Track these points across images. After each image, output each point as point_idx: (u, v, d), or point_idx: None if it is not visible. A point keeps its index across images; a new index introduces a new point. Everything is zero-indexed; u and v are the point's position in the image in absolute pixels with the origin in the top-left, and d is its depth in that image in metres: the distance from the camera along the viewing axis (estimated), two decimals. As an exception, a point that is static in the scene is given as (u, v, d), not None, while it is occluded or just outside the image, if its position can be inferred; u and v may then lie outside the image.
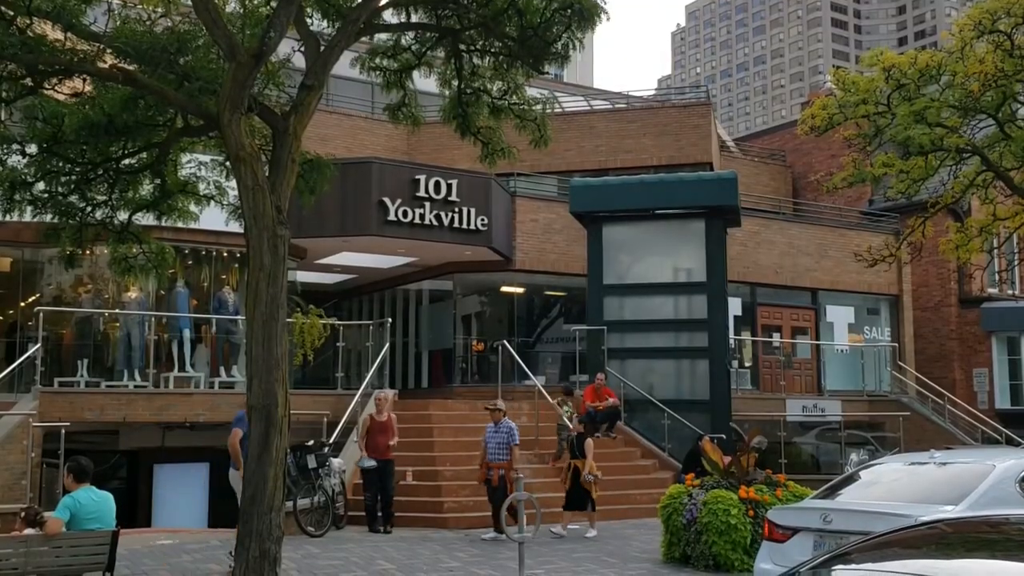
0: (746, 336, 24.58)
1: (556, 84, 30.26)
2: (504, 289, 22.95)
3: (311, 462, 12.98)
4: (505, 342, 19.45)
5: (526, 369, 18.93)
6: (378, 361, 17.51)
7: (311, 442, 13.47)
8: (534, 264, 22.24)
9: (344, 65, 10.59)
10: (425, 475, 14.99)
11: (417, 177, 19.27)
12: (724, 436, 16.62)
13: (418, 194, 19.09)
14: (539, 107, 11.67)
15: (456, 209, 19.48)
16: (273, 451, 8.75)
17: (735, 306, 23.12)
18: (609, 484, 15.30)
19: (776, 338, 25.04)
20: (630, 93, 32.19)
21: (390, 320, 19.74)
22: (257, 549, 8.51)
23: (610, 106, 29.19)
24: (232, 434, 11.23)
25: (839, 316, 26.26)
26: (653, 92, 41.48)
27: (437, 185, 19.31)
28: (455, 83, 11.53)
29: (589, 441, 13.76)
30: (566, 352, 22.19)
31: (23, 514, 10.09)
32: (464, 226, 19.60)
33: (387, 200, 18.76)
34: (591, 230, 19.69)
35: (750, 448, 11.82)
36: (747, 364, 24.69)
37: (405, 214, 18.86)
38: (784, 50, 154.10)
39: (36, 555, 7.92)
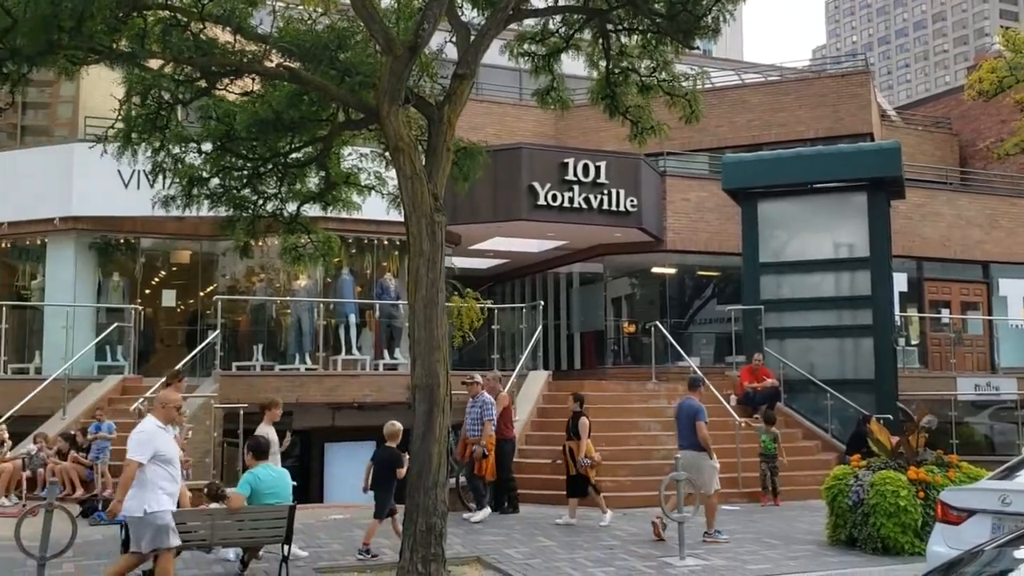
0: (912, 312, 23.56)
1: (705, 59, 29.68)
2: (655, 270, 22.80)
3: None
4: (658, 323, 19.35)
5: (680, 350, 18.77)
6: (531, 343, 17.76)
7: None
8: (686, 244, 21.99)
9: (492, 53, 10.77)
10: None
11: (565, 160, 19.37)
12: (891, 416, 16.02)
13: (567, 177, 19.19)
14: (689, 83, 11.55)
15: (605, 191, 19.48)
16: (436, 429, 9.06)
17: (900, 282, 22.19)
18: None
19: (945, 314, 23.88)
20: (783, 65, 31.25)
21: (542, 303, 19.96)
22: (424, 523, 8.84)
23: (762, 79, 28.42)
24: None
25: (1013, 289, 24.79)
26: (807, 63, 40.07)
27: (586, 168, 19.35)
28: (603, 64, 11.54)
29: (584, 420, 12.73)
30: (721, 333, 21.86)
31: (207, 489, 10.85)
32: (613, 208, 19.58)
33: (536, 185, 18.95)
34: (745, 207, 19.30)
35: (920, 428, 11.37)
36: (914, 342, 23.67)
37: (554, 198, 19.00)
38: (946, 13, 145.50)
39: (221, 528, 8.47)
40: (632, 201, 19.75)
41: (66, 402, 15.72)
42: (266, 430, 10.18)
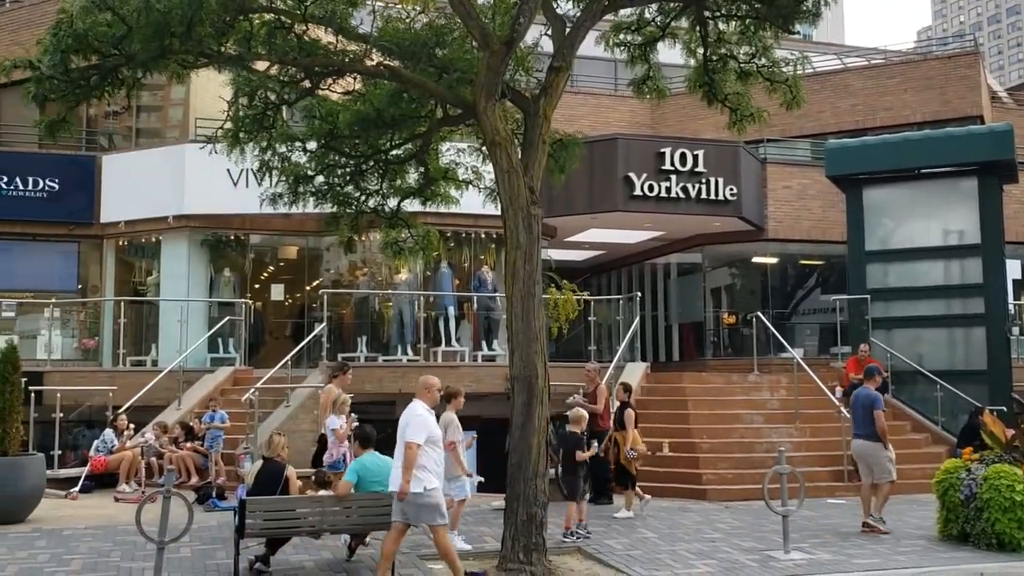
0: (1027, 301, 22.60)
1: (806, 44, 29.01)
2: (756, 260, 22.43)
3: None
4: (759, 314, 19.04)
5: (783, 341, 18.44)
6: (629, 335, 17.71)
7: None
8: (788, 233, 21.57)
9: (587, 44, 10.79)
10: (682, 447, 15.03)
11: (662, 150, 19.21)
12: (1004, 408, 15.44)
13: (663, 167, 19.03)
14: (789, 68, 11.35)
15: (703, 180, 19.25)
16: (535, 420, 9.16)
17: (1014, 269, 21.31)
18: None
19: (1062, 302, 22.83)
20: (887, 48, 30.32)
21: (639, 294, 19.85)
22: (524, 513, 8.96)
23: (866, 63, 27.61)
24: None
25: None
26: (913, 45, 38.76)
27: (683, 156, 19.15)
28: (700, 51, 11.43)
29: (630, 412, 12.73)
30: (825, 323, 21.38)
31: (314, 477, 11.20)
32: (712, 197, 19.33)
33: (633, 175, 18.85)
34: (850, 194, 18.82)
35: (1036, 420, 10.95)
36: (1029, 331, 22.68)
37: (651, 188, 18.87)
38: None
39: (330, 514, 8.73)
40: (731, 190, 19.47)
41: (181, 393, 16.41)
42: (451, 418, 10.42)
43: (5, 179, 20.29)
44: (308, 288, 20.71)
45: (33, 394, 14.14)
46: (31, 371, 14.71)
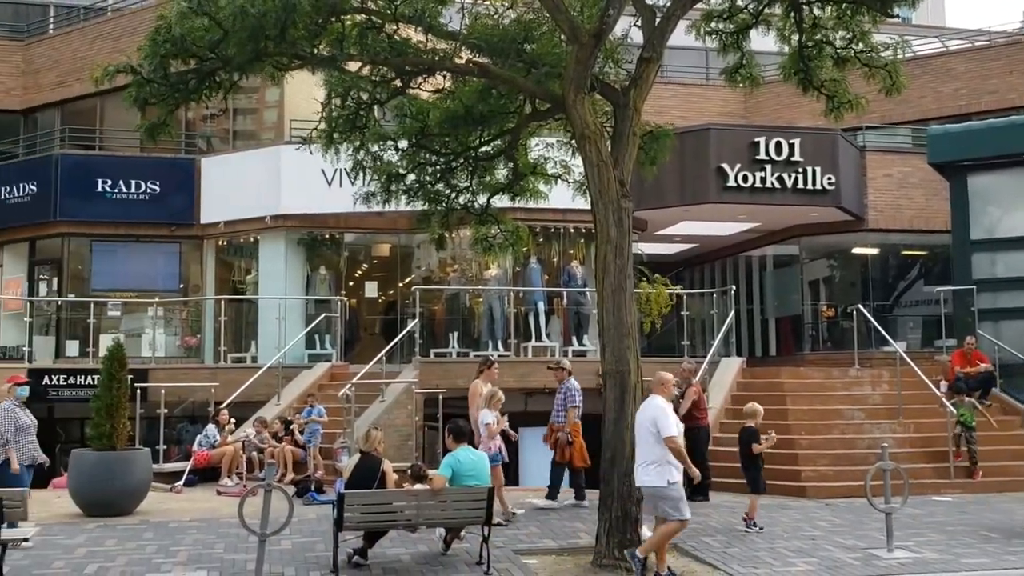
0: None
1: (905, 27, 28.03)
2: (855, 251, 21.80)
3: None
4: (860, 306, 18.49)
5: (884, 334, 17.87)
6: (723, 329, 17.42)
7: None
8: (888, 223, 20.90)
9: (676, 34, 10.63)
10: (780, 443, 14.55)
11: (756, 139, 18.82)
12: (1125, 404, 14.67)
13: (758, 157, 18.64)
14: (888, 53, 10.98)
15: (799, 169, 18.79)
16: (628, 415, 9.07)
17: None
18: (986, 455, 14.16)
19: None
20: (991, 29, 29.08)
21: (734, 288, 19.50)
22: (619, 509, 8.90)
23: (969, 45, 26.55)
24: None
25: None
26: (1018, 26, 37.16)
27: (778, 146, 18.73)
28: (795, 38, 11.15)
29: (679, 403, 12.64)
30: (928, 316, 20.65)
31: (410, 471, 11.32)
32: (809, 187, 18.85)
33: (726, 166, 18.53)
34: (954, 182, 18.12)
35: None
36: None
37: (745, 179, 18.51)
38: None
39: (425, 508, 8.81)
40: (829, 179, 18.95)
41: (280, 388, 16.80)
42: None
43: (109, 182, 21.07)
44: (400, 285, 20.98)
45: (139, 391, 14.65)
46: (137, 368, 15.26)
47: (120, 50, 20.85)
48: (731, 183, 18.49)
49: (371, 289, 21.60)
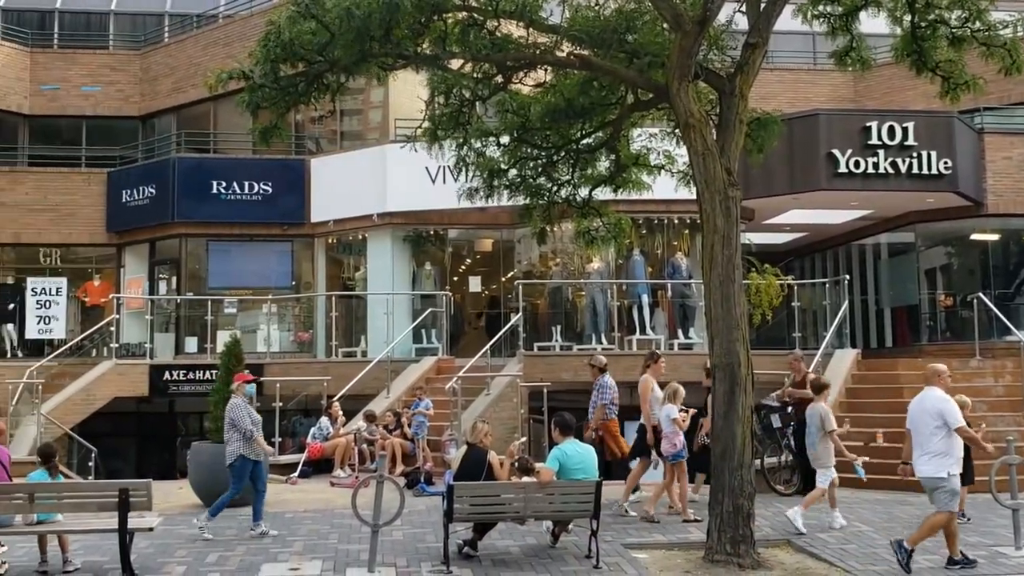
0: None
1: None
2: (974, 237, 20.89)
3: (775, 421, 12.96)
4: (980, 295, 17.74)
5: (1008, 324, 17.10)
6: (836, 320, 16.96)
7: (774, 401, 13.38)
8: (1009, 207, 19.94)
9: (782, 19, 10.36)
10: (897, 437, 14.12)
11: (868, 124, 18.20)
12: None
13: (870, 142, 18.03)
14: (1008, 31, 10.48)
15: (913, 154, 18.11)
16: (739, 409, 8.94)
17: None
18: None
19: None
20: (1123, -2, 27.45)
21: (847, 277, 18.95)
22: (730, 504, 8.76)
23: (1097, 17, 25.12)
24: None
25: None
26: None
27: (891, 130, 18.08)
28: (907, 18, 10.73)
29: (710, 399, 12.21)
30: (1057, 303, 19.69)
31: (517, 464, 11.37)
32: (924, 171, 18.15)
33: (836, 152, 17.99)
34: (1081, 162, 17.21)
35: None
36: None
37: (856, 165, 17.94)
38: None
39: (533, 500, 8.86)
40: (945, 163, 18.21)
41: (389, 382, 17.13)
42: (826, 409, 10.84)
43: (224, 184, 21.82)
44: (503, 279, 21.11)
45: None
46: (252, 363, 15.74)
47: (231, 55, 21.56)
48: (842, 169, 17.95)
49: (474, 284, 21.82)
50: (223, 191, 21.82)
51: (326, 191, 21.56)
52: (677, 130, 10.86)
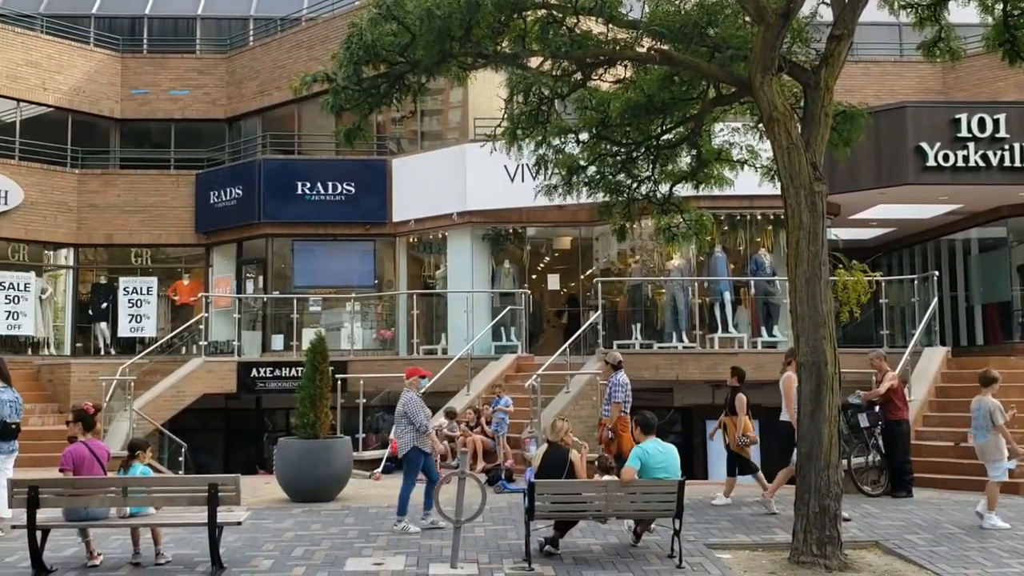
0: None
1: None
2: (1073, 230, 20.12)
3: (863, 421, 12.68)
4: (1080, 290, 17.07)
5: (1112, 321, 16.43)
6: (925, 318, 16.49)
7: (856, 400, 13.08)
8: (1106, 200, 19.16)
9: (867, 10, 10.11)
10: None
11: (957, 116, 17.66)
12: None
13: (959, 134, 17.49)
14: (1106, 18, 10.04)
15: (1006, 146, 17.50)
16: (825, 408, 8.77)
17: None
18: None
19: None
20: None
21: (936, 273, 18.41)
22: (816, 505, 8.60)
23: None
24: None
25: None
26: None
27: (981, 122, 17.51)
28: (999, 6, 10.36)
29: (741, 397, 12.02)
30: None
31: (597, 462, 11.36)
32: (1016, 164, 17.51)
33: (924, 145, 17.51)
34: None
35: None
36: None
37: (946, 158, 17.42)
38: None
39: (615, 499, 8.80)
40: (1039, 155, 17.57)
41: (469, 379, 17.25)
42: (994, 403, 10.58)
43: (308, 185, 22.25)
44: (582, 277, 21.07)
45: (339, 382, 15.39)
46: (337, 360, 16.01)
47: (314, 58, 22.00)
48: (930, 163, 17.46)
49: (553, 282, 21.84)
50: (307, 192, 22.25)
51: (407, 191, 21.81)
52: (760, 124, 10.71)
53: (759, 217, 19.11)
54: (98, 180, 24.11)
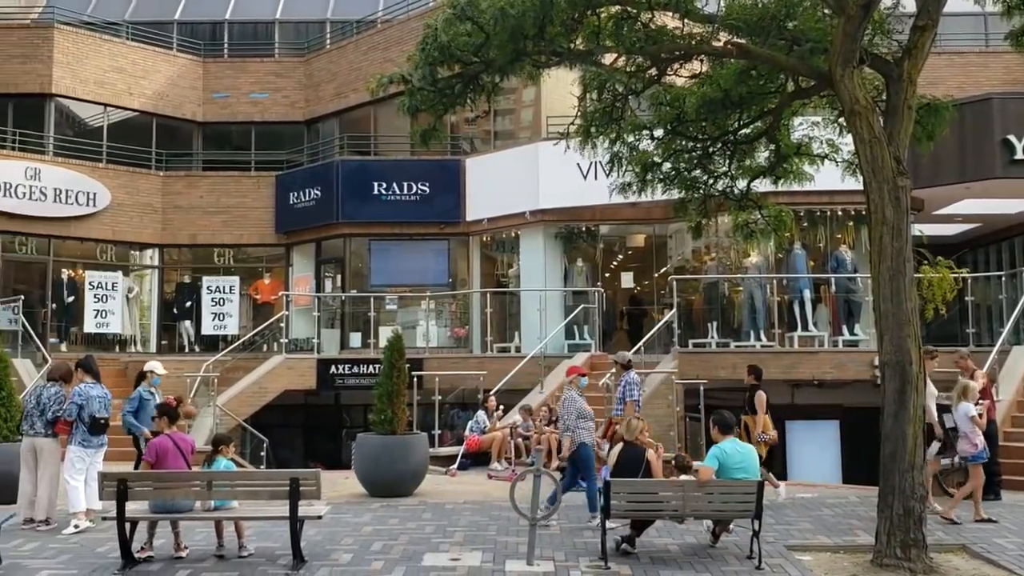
0: None
1: None
2: None
3: (948, 421, 12.30)
4: None
5: None
6: (1014, 315, 15.96)
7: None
8: None
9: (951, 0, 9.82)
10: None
11: (1047, 107, 17.07)
12: None
13: (1049, 126, 16.90)
14: None
15: (1098, 138, 16.85)
16: (910, 408, 8.55)
17: None
18: None
19: None
20: None
21: (1024, 270, 17.82)
22: (901, 507, 8.40)
23: None
24: None
25: None
26: None
27: (1074, 112, 16.90)
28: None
29: (761, 394, 12.09)
30: None
31: (674, 462, 11.25)
32: (1110, 156, 16.87)
33: (1012, 138, 16.97)
34: None
35: None
36: None
37: (1035, 151, 16.84)
38: None
39: (692, 499, 8.71)
40: None
41: (543, 377, 17.25)
42: None
43: (384, 185, 22.51)
44: (656, 275, 20.91)
45: (415, 379, 15.54)
46: (413, 358, 16.16)
47: (390, 59, 22.25)
48: (1018, 156, 16.90)
49: (627, 280, 21.71)
50: (383, 192, 22.52)
51: (480, 190, 21.92)
52: (841, 118, 10.49)
53: (840, 213, 18.71)
54: (182, 182, 24.77)
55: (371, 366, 18.64)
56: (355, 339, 22.16)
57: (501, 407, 16.31)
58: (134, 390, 12.37)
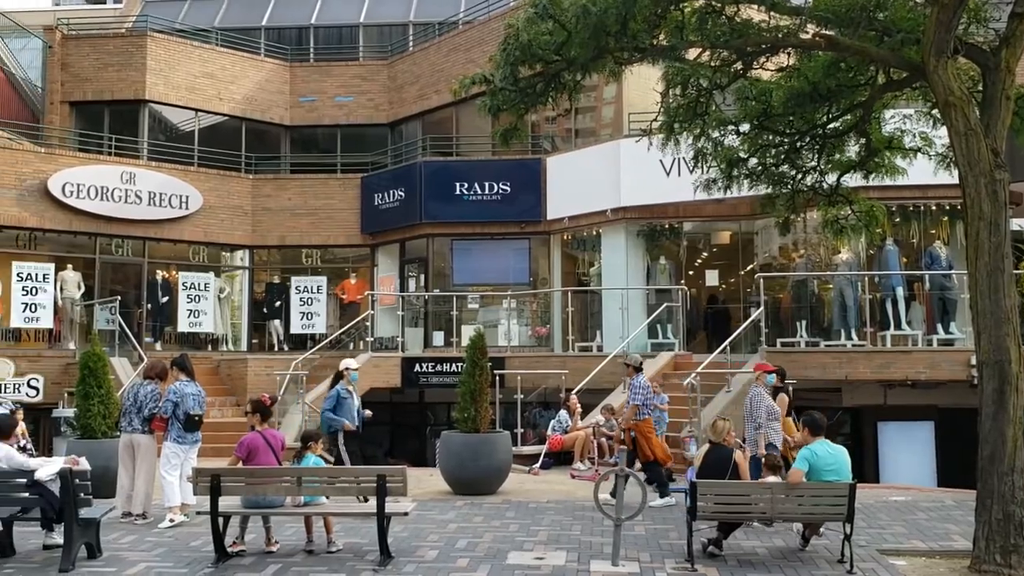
0: None
1: None
2: None
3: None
4: None
5: None
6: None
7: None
8: None
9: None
10: None
11: None
12: None
13: None
14: None
15: None
16: (1009, 409, 8.26)
17: None
18: None
19: None
20: None
21: None
22: (1000, 511, 8.11)
23: None
24: None
25: None
26: None
27: None
28: None
29: (783, 397, 12.06)
30: None
31: (763, 461, 11.04)
32: None
33: (1120, 126, 16.17)
34: None
35: None
36: None
37: None
38: None
39: (780, 501, 8.55)
40: None
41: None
42: None
43: (466, 185, 22.65)
44: (741, 273, 20.56)
45: (497, 377, 15.60)
46: (495, 357, 16.22)
47: (471, 60, 22.38)
48: None
49: (711, 278, 21.38)
50: (465, 192, 22.66)
51: (561, 188, 21.88)
52: (934, 110, 10.17)
53: (934, 208, 18.12)
54: (270, 184, 25.33)
55: (454, 364, 18.78)
56: (438, 338, 22.35)
57: (579, 407, 16.25)
58: (331, 389, 13.20)
